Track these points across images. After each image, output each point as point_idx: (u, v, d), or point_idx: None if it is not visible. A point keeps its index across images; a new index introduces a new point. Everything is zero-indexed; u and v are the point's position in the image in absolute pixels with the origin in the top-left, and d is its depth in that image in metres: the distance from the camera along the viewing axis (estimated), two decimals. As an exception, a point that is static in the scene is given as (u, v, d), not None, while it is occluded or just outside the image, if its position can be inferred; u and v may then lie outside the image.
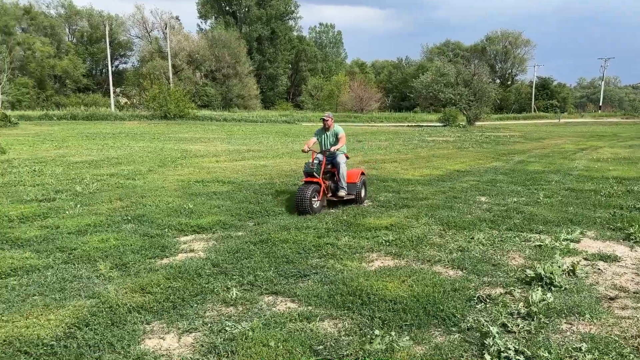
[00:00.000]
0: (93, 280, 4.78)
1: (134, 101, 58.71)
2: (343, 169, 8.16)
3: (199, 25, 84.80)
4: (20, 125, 31.41)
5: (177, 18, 72.46)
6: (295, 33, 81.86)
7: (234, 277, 4.92)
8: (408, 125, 44.83)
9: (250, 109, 61.34)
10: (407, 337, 3.62)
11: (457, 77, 44.65)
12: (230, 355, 3.36)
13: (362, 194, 8.66)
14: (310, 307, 4.20)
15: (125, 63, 73.01)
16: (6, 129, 26.53)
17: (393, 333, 3.65)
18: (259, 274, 4.97)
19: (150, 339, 3.67)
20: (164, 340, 3.66)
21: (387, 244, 6.08)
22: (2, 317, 3.90)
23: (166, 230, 6.73)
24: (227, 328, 3.79)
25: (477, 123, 44.11)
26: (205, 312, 4.11)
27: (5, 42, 54.85)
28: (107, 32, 53.56)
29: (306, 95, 71.79)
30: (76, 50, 65.29)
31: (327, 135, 8.48)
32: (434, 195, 9.45)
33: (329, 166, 8.30)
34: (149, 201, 8.52)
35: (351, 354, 3.41)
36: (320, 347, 3.50)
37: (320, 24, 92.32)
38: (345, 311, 4.10)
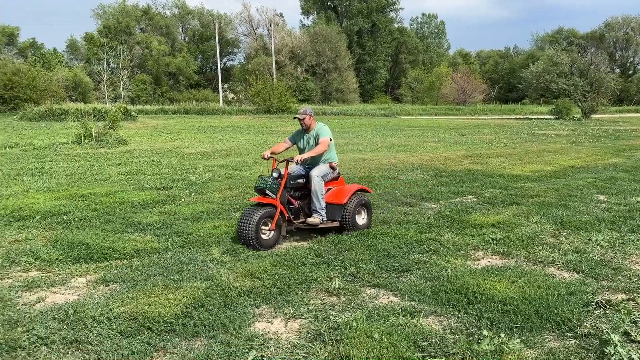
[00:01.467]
0: (207, 264, 5.09)
1: (240, 96, 61.44)
2: (317, 186, 6.00)
3: (301, 21, 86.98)
4: (139, 119, 34.19)
5: (280, 15, 74.71)
6: (396, 25, 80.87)
7: (336, 267, 4.99)
8: (515, 118, 42.52)
9: (348, 102, 61.71)
10: (518, 340, 3.46)
11: (571, 67, 41.64)
12: (335, 343, 3.42)
13: (361, 221, 6.39)
14: (413, 303, 4.15)
15: (232, 60, 76.73)
16: (127, 122, 28.97)
17: (502, 335, 3.49)
18: (360, 266, 5.00)
19: (259, 322, 3.85)
20: (272, 324, 3.81)
21: (494, 242, 5.83)
22: (128, 295, 4.28)
23: (271, 219, 6.97)
24: (330, 317, 3.86)
25: (594, 116, 40.78)
26: (309, 300, 4.22)
27: (127, 42, 59.89)
28: (216, 31, 56.52)
29: (405, 87, 70.76)
30: (188, 49, 69.63)
31: (306, 139, 6.35)
32: (546, 192, 8.89)
33: (301, 180, 6.19)
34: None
35: (458, 352, 3.32)
36: (425, 343, 3.45)
37: (423, 15, 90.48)
38: (451, 309, 4.00)
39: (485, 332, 3.54)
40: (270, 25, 62.86)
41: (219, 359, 3.24)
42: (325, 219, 6.10)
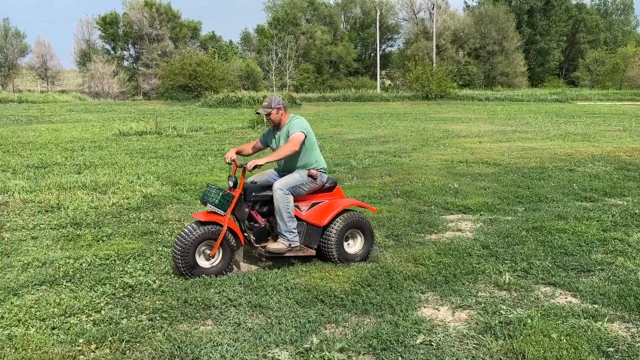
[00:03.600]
0: (371, 246, 5.25)
1: (397, 83, 61.19)
2: (280, 202, 4.58)
3: (465, 2, 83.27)
4: (303, 106, 36.04)
5: (443, -3, 72.25)
6: (573, 1, 73.11)
7: (506, 261, 4.79)
8: None
9: (514, 87, 57.71)
10: None
11: None
12: (507, 338, 3.30)
13: (352, 249, 4.87)
14: (595, 306, 3.81)
15: (391, 46, 76.47)
16: (292, 109, 30.72)
17: None
18: (533, 262, 4.72)
19: (425, 307, 3.87)
20: (438, 311, 3.81)
21: (698, 246, 5.06)
22: (302, 268, 4.61)
23: (432, 207, 6.92)
24: (501, 311, 3.73)
25: None
26: (477, 292, 4.12)
27: (293, 33, 63.25)
28: (377, 18, 56.91)
29: (583, 70, 63.83)
30: (349, 37, 71.17)
31: (277, 139, 4.94)
32: None
33: (270, 192, 4.69)
34: (415, 178, 8.87)
35: (652, 365, 2.99)
36: (611, 349, 3.15)
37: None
38: (642, 316, 3.60)
39: (687, 347, 3.13)
40: (433, 8, 61.26)
41: (388, 338, 3.34)
42: (294, 244, 4.66)
